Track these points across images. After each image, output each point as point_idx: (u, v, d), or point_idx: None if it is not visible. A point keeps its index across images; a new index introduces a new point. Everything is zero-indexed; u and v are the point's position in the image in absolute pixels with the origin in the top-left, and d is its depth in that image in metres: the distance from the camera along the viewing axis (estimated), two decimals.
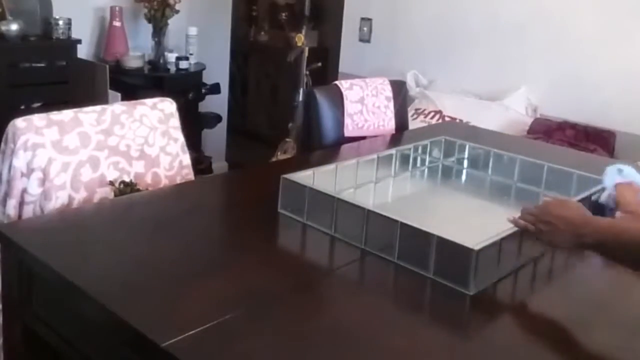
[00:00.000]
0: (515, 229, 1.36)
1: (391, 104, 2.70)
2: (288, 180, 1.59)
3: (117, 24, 3.73)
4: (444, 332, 1.22)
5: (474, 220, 1.68)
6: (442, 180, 2.01)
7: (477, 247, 1.26)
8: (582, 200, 1.58)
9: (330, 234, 1.51)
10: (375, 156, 1.88)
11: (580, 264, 1.49)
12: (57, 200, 1.72)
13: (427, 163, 2.01)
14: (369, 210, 1.44)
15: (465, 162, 2.04)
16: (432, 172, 2.01)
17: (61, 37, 3.38)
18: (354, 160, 1.82)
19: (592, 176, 1.74)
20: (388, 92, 2.70)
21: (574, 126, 3.00)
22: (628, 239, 1.21)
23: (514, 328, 1.25)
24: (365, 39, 3.92)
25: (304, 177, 1.62)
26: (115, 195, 1.79)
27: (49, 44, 3.37)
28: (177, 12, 3.81)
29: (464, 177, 1.99)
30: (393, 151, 1.94)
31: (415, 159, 1.98)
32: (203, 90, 4.02)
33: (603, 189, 1.66)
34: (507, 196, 1.88)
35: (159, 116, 1.96)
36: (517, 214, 1.39)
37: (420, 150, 2.02)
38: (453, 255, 1.29)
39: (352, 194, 1.76)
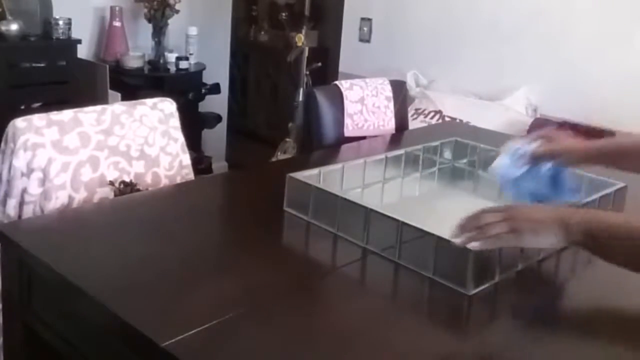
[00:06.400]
0: None
1: (391, 104, 2.70)
2: (294, 179, 1.59)
3: (117, 24, 3.73)
4: (442, 332, 1.22)
5: None
6: (451, 181, 2.00)
7: (474, 248, 1.26)
8: (592, 202, 1.58)
9: (334, 232, 1.51)
10: (383, 156, 1.88)
11: (584, 267, 1.49)
12: (57, 200, 1.72)
13: (437, 164, 2.00)
14: (370, 210, 1.44)
15: (476, 164, 2.02)
16: (441, 174, 2.01)
17: (61, 37, 3.38)
18: (361, 160, 1.82)
19: (600, 178, 1.71)
20: (388, 92, 2.70)
21: (574, 126, 3.00)
22: (617, 227, 1.14)
23: (512, 328, 1.25)
24: (365, 39, 3.92)
25: (310, 176, 1.62)
26: (115, 195, 1.79)
27: (49, 44, 3.37)
28: (177, 12, 3.81)
29: (473, 178, 1.98)
30: (402, 151, 1.93)
31: (424, 160, 1.97)
32: (203, 90, 4.02)
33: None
34: None
35: (159, 116, 1.96)
36: None
37: (431, 151, 2.01)
38: (452, 255, 1.29)
39: (360, 193, 1.76)
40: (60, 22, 3.37)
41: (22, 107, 3.17)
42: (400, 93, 2.77)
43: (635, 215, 1.29)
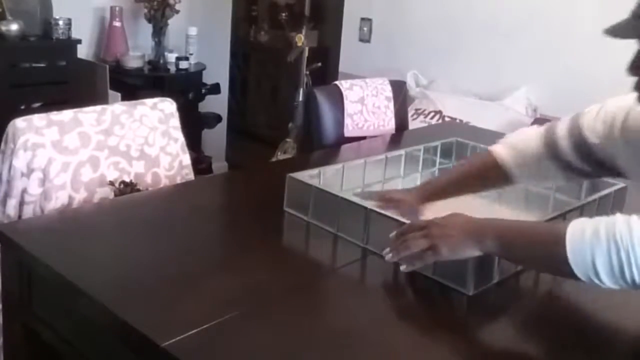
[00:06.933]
0: None
1: (391, 104, 2.70)
2: (294, 179, 1.59)
3: (117, 24, 3.73)
4: (442, 332, 1.21)
5: None
6: None
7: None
8: (592, 203, 1.57)
9: (334, 232, 1.51)
10: (383, 156, 1.88)
11: None
12: (57, 200, 1.72)
13: (437, 164, 2.00)
14: (370, 210, 1.44)
15: None
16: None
17: (61, 37, 3.38)
18: (361, 160, 1.81)
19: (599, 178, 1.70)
20: (388, 92, 2.70)
21: None
22: (520, 235, 1.21)
23: (512, 329, 1.25)
24: (365, 39, 3.92)
25: (310, 176, 1.62)
26: (115, 195, 1.79)
27: (49, 44, 3.37)
28: (177, 12, 3.81)
29: None
30: (402, 151, 1.93)
31: (424, 160, 1.97)
32: (203, 90, 4.02)
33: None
34: (516, 198, 1.86)
35: (159, 116, 1.96)
36: (526, 216, 1.37)
37: (431, 151, 2.00)
38: None
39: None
40: (60, 22, 3.37)
41: (22, 107, 3.17)
42: (400, 93, 2.77)
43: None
